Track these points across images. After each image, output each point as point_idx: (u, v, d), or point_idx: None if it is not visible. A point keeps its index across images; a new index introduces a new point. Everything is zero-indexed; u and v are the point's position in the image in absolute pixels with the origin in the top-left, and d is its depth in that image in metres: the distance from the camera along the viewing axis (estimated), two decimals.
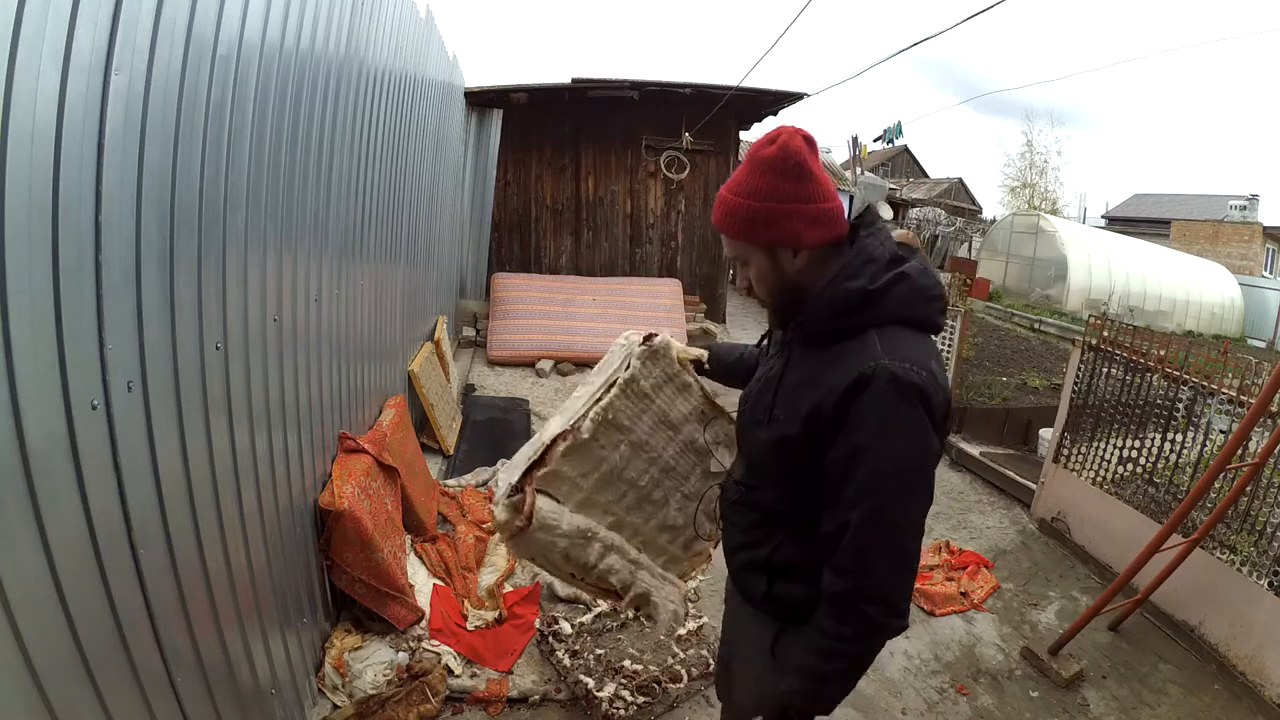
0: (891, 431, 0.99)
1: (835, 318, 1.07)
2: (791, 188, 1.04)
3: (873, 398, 0.98)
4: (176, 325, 1.31)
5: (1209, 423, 3.06)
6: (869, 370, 0.99)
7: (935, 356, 1.08)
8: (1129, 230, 20.28)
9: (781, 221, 1.05)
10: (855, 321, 1.06)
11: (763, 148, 1.06)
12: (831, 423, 1.02)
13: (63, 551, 1.00)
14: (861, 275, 1.06)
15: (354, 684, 2.16)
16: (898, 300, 1.05)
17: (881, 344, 1.02)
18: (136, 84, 1.14)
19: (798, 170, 1.04)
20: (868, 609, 1.01)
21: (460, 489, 3.52)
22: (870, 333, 1.04)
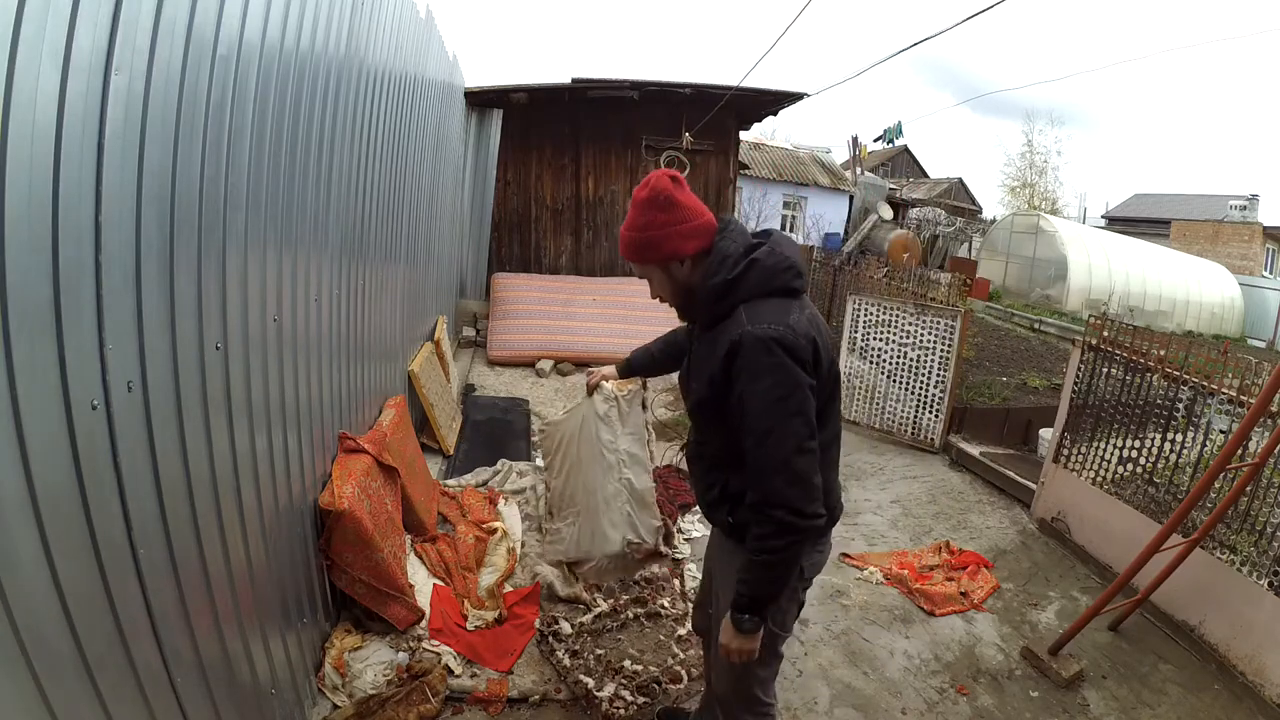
0: (760, 377, 1.30)
1: (710, 307, 1.41)
2: (664, 216, 1.38)
3: (743, 356, 1.31)
4: (176, 325, 1.31)
5: (1209, 423, 3.06)
6: (738, 337, 1.32)
7: (799, 311, 1.37)
8: (1129, 230, 20.28)
9: (663, 242, 1.39)
10: (725, 305, 1.38)
11: (639, 192, 1.40)
12: (723, 383, 1.36)
13: (62, 551, 1.00)
14: (720, 271, 1.38)
15: (354, 684, 2.16)
16: (753, 281, 1.37)
17: (747, 315, 1.34)
18: (136, 84, 1.14)
19: (666, 202, 1.38)
20: (773, 512, 1.30)
21: (460, 489, 3.52)
22: (739, 309, 1.36)
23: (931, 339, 4.92)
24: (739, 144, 8.82)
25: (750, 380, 1.31)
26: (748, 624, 1.41)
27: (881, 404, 5.24)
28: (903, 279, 5.51)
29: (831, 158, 21.00)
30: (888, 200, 19.77)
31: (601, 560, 2.23)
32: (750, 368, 1.31)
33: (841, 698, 2.42)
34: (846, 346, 5.52)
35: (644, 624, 2.68)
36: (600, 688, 2.25)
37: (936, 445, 4.95)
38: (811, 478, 1.32)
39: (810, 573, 1.58)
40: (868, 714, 2.38)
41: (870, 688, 2.50)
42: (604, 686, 2.26)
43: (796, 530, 1.30)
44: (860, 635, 2.78)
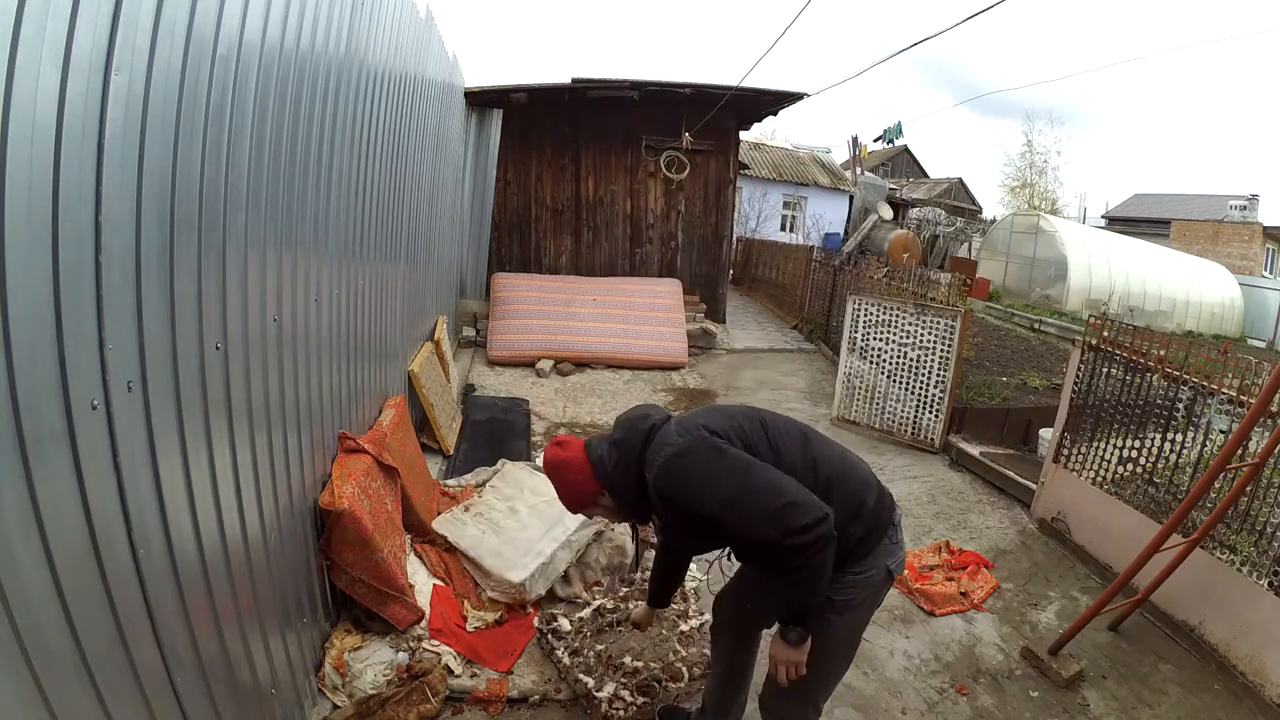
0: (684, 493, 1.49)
1: (626, 502, 1.62)
2: (566, 476, 1.63)
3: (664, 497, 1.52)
4: (176, 325, 1.31)
5: (1209, 423, 3.06)
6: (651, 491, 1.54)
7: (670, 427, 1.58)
8: (1129, 230, 20.28)
9: (577, 495, 1.64)
10: (633, 490, 1.58)
11: (544, 469, 1.67)
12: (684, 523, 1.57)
13: (63, 552, 1.00)
14: (604, 474, 1.60)
15: (354, 684, 2.16)
16: (623, 455, 1.58)
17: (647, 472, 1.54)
18: (136, 84, 1.14)
19: (561, 466, 1.63)
20: (785, 542, 1.40)
21: (460, 489, 3.52)
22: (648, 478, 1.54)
23: (931, 339, 4.92)
24: (739, 144, 8.82)
25: (681, 501, 1.49)
26: (794, 635, 1.55)
27: (881, 404, 5.24)
28: (903, 279, 5.52)
29: (831, 158, 21.01)
30: (888, 200, 19.77)
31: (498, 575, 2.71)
32: (675, 495, 1.49)
33: (841, 698, 2.42)
34: (846, 346, 5.52)
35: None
36: (600, 687, 2.25)
37: (936, 445, 4.95)
38: (785, 498, 1.43)
39: (896, 571, 1.66)
40: (868, 714, 2.38)
41: (870, 688, 2.50)
42: (604, 686, 2.26)
43: (806, 545, 1.40)
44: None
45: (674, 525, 1.62)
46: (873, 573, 1.59)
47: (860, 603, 1.62)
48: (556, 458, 1.63)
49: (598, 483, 1.61)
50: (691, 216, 8.39)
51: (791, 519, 1.40)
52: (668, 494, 1.49)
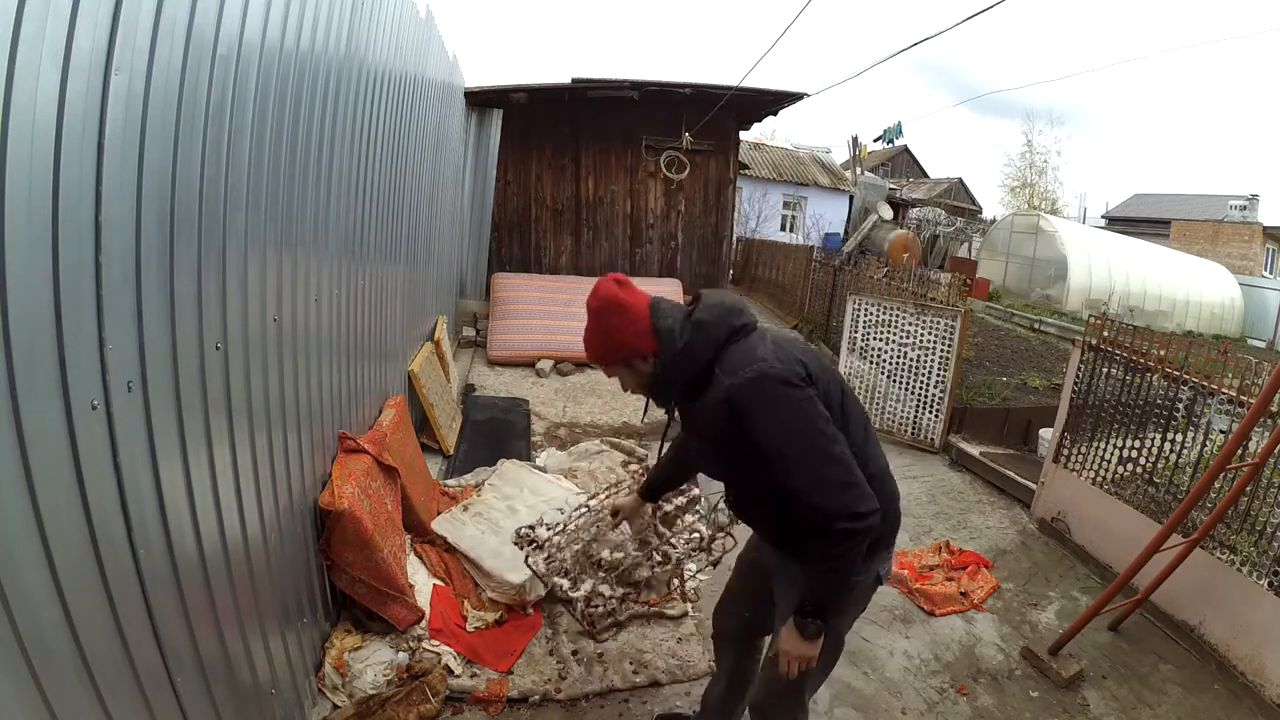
0: (763, 417, 1.34)
1: (676, 381, 1.45)
2: (618, 321, 1.44)
3: (738, 410, 1.35)
4: (176, 325, 1.31)
5: (1209, 423, 3.06)
6: (724, 395, 1.36)
7: (763, 343, 1.42)
8: (1129, 230, 20.28)
9: (623, 344, 1.45)
10: (691, 372, 1.42)
11: (591, 301, 1.47)
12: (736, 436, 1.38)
13: (63, 551, 1.00)
14: (670, 345, 1.43)
15: (354, 684, 2.16)
16: (704, 339, 1.42)
17: (722, 372, 1.38)
18: (136, 84, 1.14)
19: (618, 307, 1.44)
20: (834, 525, 1.33)
21: (460, 489, 3.52)
22: (714, 370, 1.40)
23: (931, 339, 4.92)
24: (739, 144, 8.82)
25: (756, 425, 1.34)
26: (813, 628, 1.45)
27: (881, 404, 5.24)
28: (903, 279, 5.51)
29: (831, 158, 21.01)
30: (888, 200, 19.76)
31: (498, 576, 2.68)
32: (751, 415, 1.34)
33: (841, 698, 2.42)
34: (846, 346, 5.52)
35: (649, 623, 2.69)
36: (576, 588, 2.10)
37: (936, 445, 4.95)
38: (853, 478, 1.35)
39: (885, 577, 1.63)
40: (868, 714, 2.38)
41: (870, 688, 2.50)
42: (580, 586, 2.11)
43: (856, 533, 1.34)
44: (860, 635, 2.77)
45: (721, 439, 1.42)
46: (868, 577, 1.58)
47: (852, 604, 1.62)
48: (615, 297, 1.44)
49: (654, 346, 1.44)
50: (691, 216, 8.39)
51: (852, 502, 1.34)
52: (741, 407, 1.34)
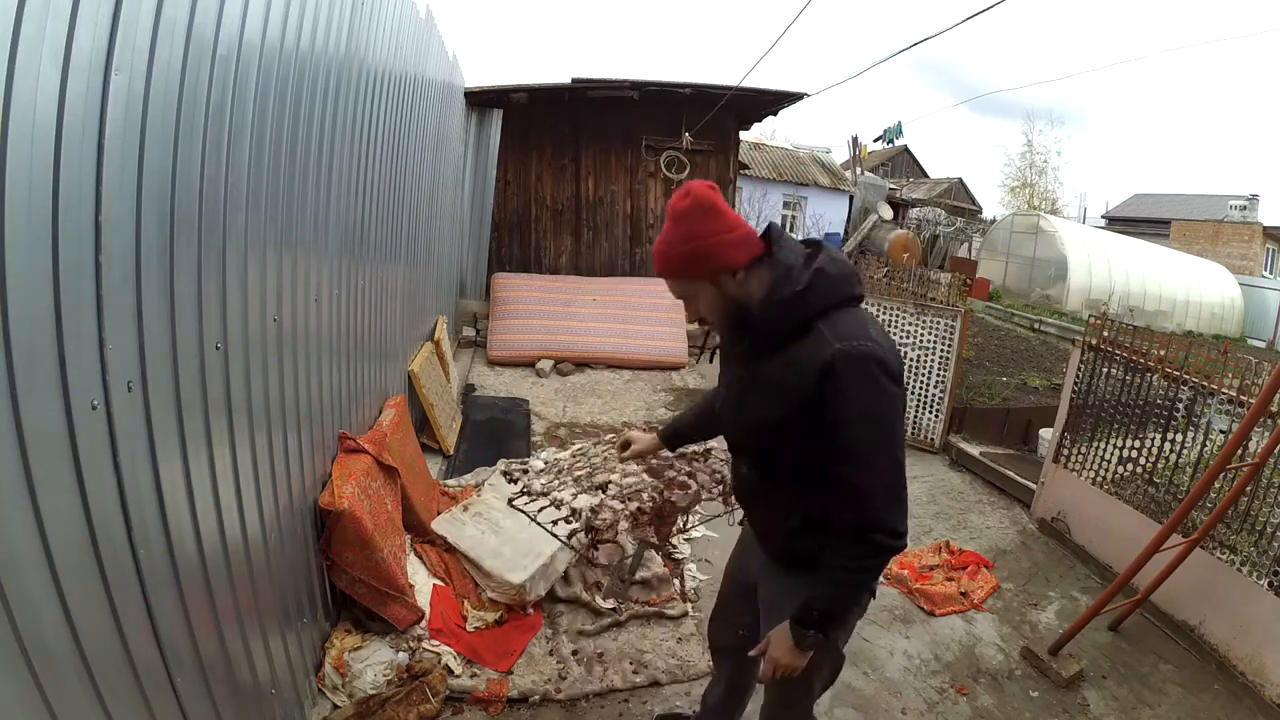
0: (859, 397, 1.22)
1: (779, 323, 1.28)
2: (712, 224, 1.26)
3: (838, 377, 1.21)
4: (176, 325, 1.31)
5: (1209, 423, 3.06)
6: (829, 358, 1.21)
7: (869, 322, 1.30)
8: (1129, 230, 20.27)
9: (715, 253, 1.27)
10: (795, 320, 1.27)
11: (679, 202, 1.27)
12: (815, 404, 1.24)
13: (63, 551, 1.00)
14: (788, 283, 1.27)
15: (354, 684, 2.16)
16: (822, 291, 1.27)
17: (830, 331, 1.23)
18: (136, 84, 1.14)
19: (712, 209, 1.26)
20: (875, 536, 1.24)
21: (460, 489, 3.52)
22: (818, 325, 1.25)
23: (931, 339, 4.92)
24: (739, 144, 8.82)
25: (850, 401, 1.22)
26: (810, 640, 1.35)
27: None
28: (903, 279, 5.51)
29: (831, 158, 20.99)
30: (888, 200, 19.76)
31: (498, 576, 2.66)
32: (849, 389, 1.21)
33: (841, 698, 2.42)
34: None
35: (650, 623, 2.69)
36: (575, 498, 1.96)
37: (936, 445, 4.95)
38: (905, 494, 1.29)
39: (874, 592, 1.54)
40: (868, 714, 2.38)
41: (870, 688, 2.50)
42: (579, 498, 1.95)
43: (891, 551, 1.27)
44: (860, 635, 2.77)
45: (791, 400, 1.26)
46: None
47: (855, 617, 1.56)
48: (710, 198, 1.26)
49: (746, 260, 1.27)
50: None
51: (898, 518, 1.25)
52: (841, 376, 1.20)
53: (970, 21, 3.49)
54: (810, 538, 1.38)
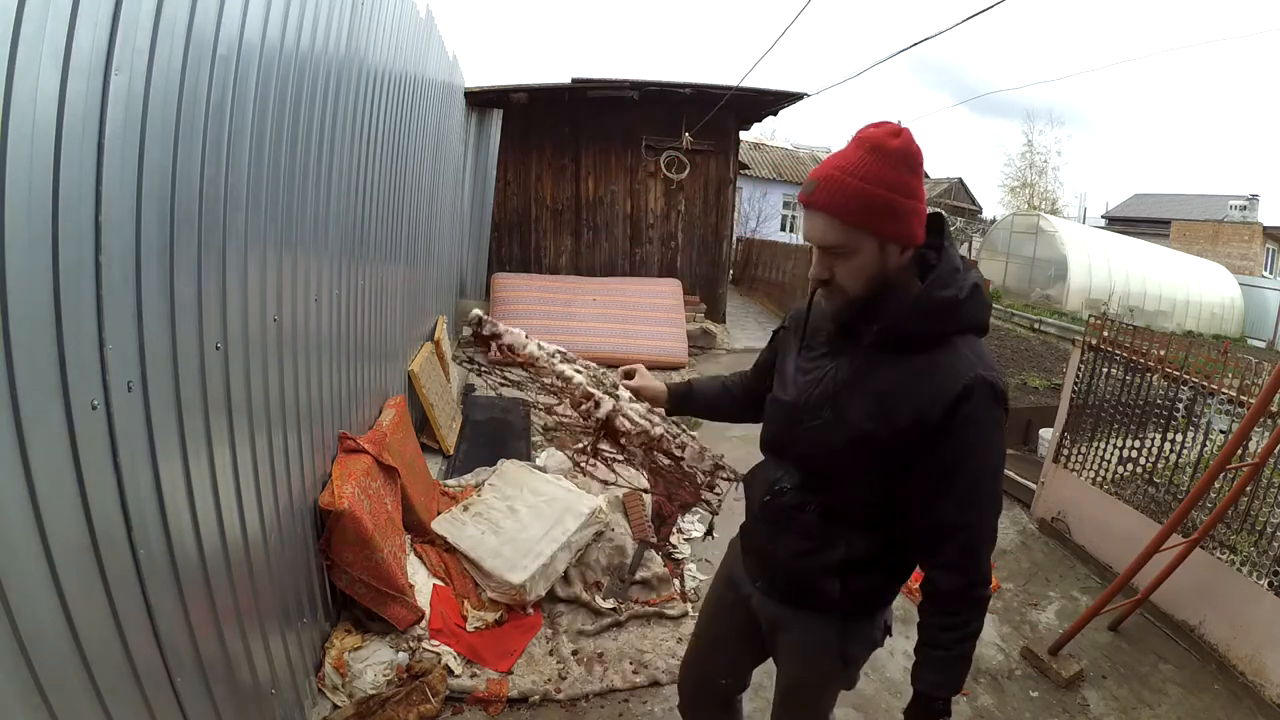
0: (992, 437, 1.09)
1: (924, 324, 1.10)
2: (915, 183, 1.05)
3: (976, 406, 1.06)
4: (176, 325, 1.31)
5: (1209, 423, 3.06)
6: (971, 381, 1.05)
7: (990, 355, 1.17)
8: (1129, 230, 20.28)
9: (905, 216, 1.05)
10: (941, 329, 1.10)
11: (888, 138, 1.04)
12: (937, 429, 1.07)
13: (63, 551, 1.00)
14: (952, 285, 1.10)
15: (354, 684, 2.16)
16: (972, 310, 1.12)
17: (972, 353, 1.09)
18: (136, 84, 1.14)
19: (919, 165, 1.06)
20: (978, 592, 1.12)
21: (460, 489, 3.52)
22: (956, 341, 1.10)
23: None
24: (739, 144, 8.82)
25: (980, 438, 1.08)
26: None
27: None
28: None
29: None
30: None
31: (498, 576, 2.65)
32: (982, 422, 1.07)
33: (842, 698, 2.40)
34: None
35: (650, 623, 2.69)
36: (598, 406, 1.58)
37: None
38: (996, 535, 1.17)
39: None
40: (868, 714, 2.38)
41: (870, 688, 2.50)
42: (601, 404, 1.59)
43: (986, 600, 1.15)
44: None
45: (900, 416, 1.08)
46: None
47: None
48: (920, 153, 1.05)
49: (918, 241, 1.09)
50: (691, 216, 8.38)
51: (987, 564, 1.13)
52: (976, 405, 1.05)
53: (970, 21, 3.49)
54: (839, 579, 1.23)
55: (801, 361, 1.26)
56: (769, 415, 1.34)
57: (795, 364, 1.27)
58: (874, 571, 1.24)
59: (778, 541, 1.30)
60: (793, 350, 1.30)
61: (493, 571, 2.70)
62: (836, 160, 1.07)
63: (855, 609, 1.27)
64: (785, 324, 1.39)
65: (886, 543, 1.21)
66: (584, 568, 2.87)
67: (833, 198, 1.05)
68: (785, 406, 1.27)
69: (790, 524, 1.27)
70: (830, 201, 1.05)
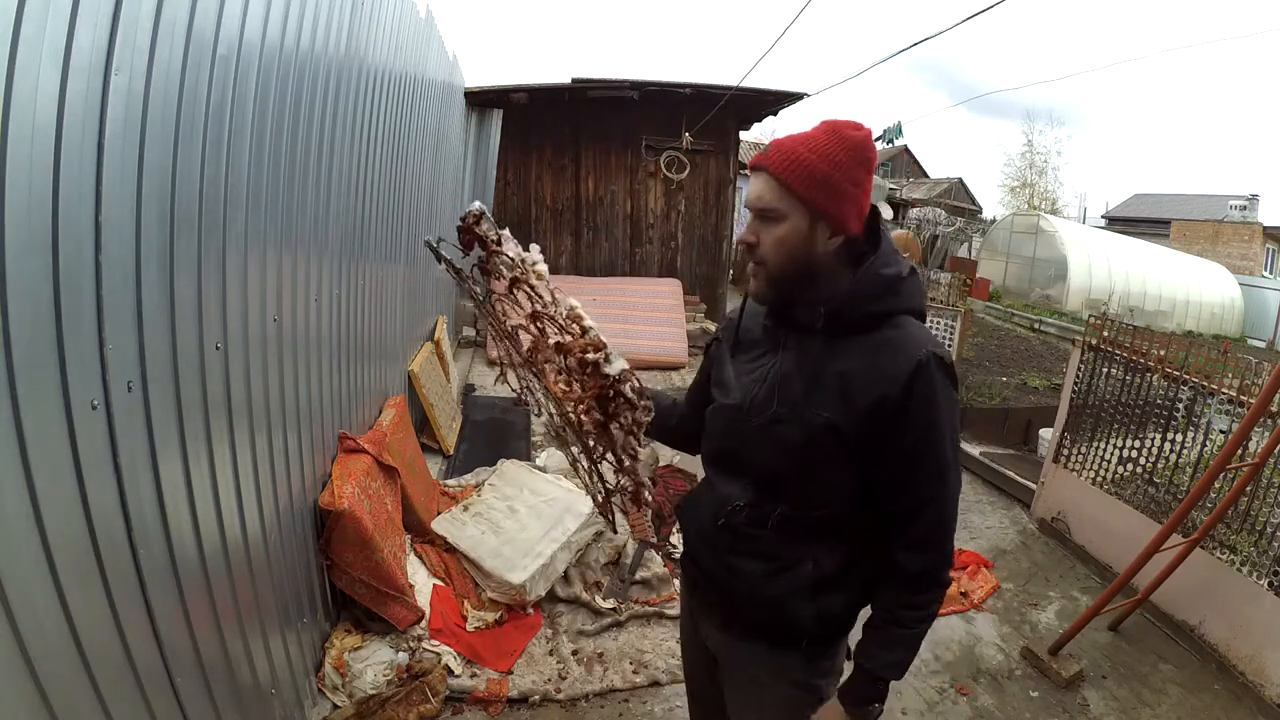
0: (948, 410, 1.07)
1: (873, 303, 1.09)
2: (861, 175, 1.07)
3: (931, 381, 1.05)
4: (176, 325, 1.31)
5: (1209, 423, 3.06)
6: (924, 356, 1.04)
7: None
8: (1129, 230, 20.27)
9: (842, 199, 1.06)
10: (886, 307, 1.09)
11: (849, 128, 1.07)
12: (897, 409, 1.05)
13: (63, 551, 1.00)
14: (894, 264, 1.11)
15: (354, 684, 2.16)
16: (913, 290, 1.13)
17: (919, 331, 1.10)
18: (136, 84, 1.14)
19: (869, 164, 1.08)
20: (944, 575, 1.10)
21: (460, 489, 3.52)
22: (905, 319, 1.10)
23: None
24: (739, 144, 8.82)
25: (940, 413, 1.06)
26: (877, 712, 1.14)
27: None
28: None
29: None
30: (888, 200, 19.75)
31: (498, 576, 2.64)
32: (938, 396, 1.05)
33: None
34: None
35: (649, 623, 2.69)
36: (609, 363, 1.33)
37: None
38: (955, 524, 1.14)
39: None
40: None
41: None
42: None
43: (946, 585, 1.12)
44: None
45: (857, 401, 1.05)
46: None
47: None
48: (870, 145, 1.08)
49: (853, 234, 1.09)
50: (691, 216, 8.38)
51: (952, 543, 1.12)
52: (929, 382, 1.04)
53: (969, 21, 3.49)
54: (811, 601, 1.14)
55: (739, 365, 1.22)
56: (711, 428, 1.25)
57: (733, 369, 1.22)
58: (846, 588, 1.16)
59: (735, 569, 1.19)
60: (727, 357, 1.25)
61: (493, 571, 2.70)
62: (797, 135, 1.09)
63: (826, 634, 1.19)
64: (717, 335, 1.34)
65: (856, 554, 1.14)
66: (584, 568, 2.87)
67: (780, 160, 1.06)
68: (729, 410, 1.19)
69: (749, 546, 1.17)
70: (776, 163, 1.06)
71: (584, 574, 2.85)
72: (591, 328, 1.16)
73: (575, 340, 1.18)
